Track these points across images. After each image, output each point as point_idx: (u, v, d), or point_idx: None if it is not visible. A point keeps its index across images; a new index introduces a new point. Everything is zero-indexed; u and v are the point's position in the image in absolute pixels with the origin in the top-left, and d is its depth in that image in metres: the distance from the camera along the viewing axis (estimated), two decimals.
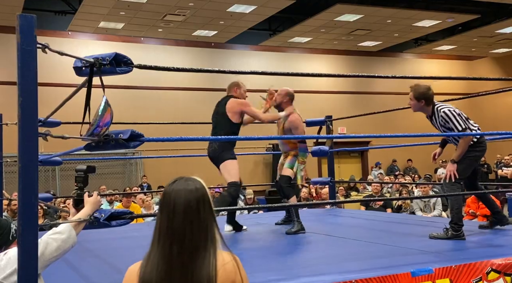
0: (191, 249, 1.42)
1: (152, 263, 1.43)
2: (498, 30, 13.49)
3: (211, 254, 1.44)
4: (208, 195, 1.49)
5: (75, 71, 2.53)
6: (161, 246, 1.44)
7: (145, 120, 10.52)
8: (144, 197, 7.82)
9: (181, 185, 1.47)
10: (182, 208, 1.43)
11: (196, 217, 1.44)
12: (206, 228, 1.45)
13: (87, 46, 12.51)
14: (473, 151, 3.85)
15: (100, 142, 2.44)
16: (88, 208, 2.27)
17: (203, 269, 1.42)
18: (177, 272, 1.41)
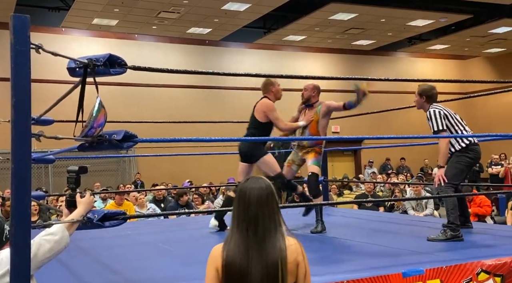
0: (264, 231, 1.73)
1: (234, 245, 1.73)
2: (491, 30, 13.56)
3: (280, 236, 1.75)
4: (274, 191, 1.81)
5: (69, 71, 2.52)
6: (240, 230, 1.75)
7: (139, 118, 10.52)
8: (137, 195, 7.81)
9: (253, 183, 1.80)
10: (255, 200, 1.75)
11: (266, 207, 1.76)
12: (274, 216, 1.77)
13: (80, 42, 12.45)
14: (463, 157, 3.84)
15: (93, 143, 2.44)
16: (81, 209, 2.27)
17: (275, 248, 1.72)
18: (254, 251, 1.71)
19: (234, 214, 1.78)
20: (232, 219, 1.78)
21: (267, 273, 1.69)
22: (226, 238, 1.77)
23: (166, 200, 8.60)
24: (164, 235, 4.72)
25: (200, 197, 7.93)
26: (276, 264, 1.70)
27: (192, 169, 12.77)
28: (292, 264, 1.73)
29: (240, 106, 14.04)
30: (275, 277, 1.69)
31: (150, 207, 7.51)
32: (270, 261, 1.70)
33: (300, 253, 1.77)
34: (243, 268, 1.69)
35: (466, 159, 3.86)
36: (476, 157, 3.92)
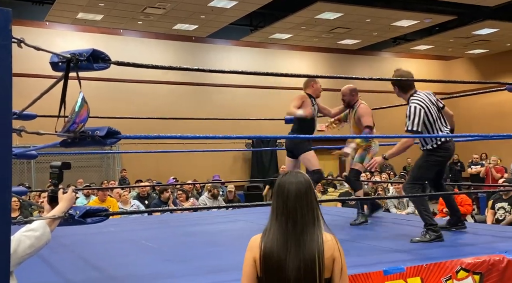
0: (303, 225, 1.76)
1: (272, 237, 1.76)
2: (474, 32, 13.74)
3: (318, 231, 1.77)
4: (312, 185, 1.84)
5: (52, 66, 2.50)
6: (279, 223, 1.77)
7: (124, 113, 10.44)
8: (121, 191, 7.75)
9: (292, 178, 1.82)
10: (294, 194, 1.78)
11: (305, 200, 1.79)
12: (313, 210, 1.80)
13: (65, 37, 12.30)
14: (433, 156, 3.76)
15: (76, 138, 2.42)
16: (63, 205, 2.25)
17: (314, 241, 1.74)
18: (292, 243, 1.74)
19: (274, 207, 1.82)
20: (271, 212, 1.81)
21: (304, 266, 1.72)
22: (265, 230, 1.80)
23: (151, 196, 8.56)
24: (148, 232, 4.70)
25: (184, 194, 7.91)
26: (313, 258, 1.72)
27: (177, 166, 12.73)
28: (329, 259, 1.76)
29: (227, 103, 14.06)
30: (312, 271, 1.71)
31: (134, 204, 7.47)
32: (308, 255, 1.72)
33: (337, 249, 1.79)
34: (281, 259, 1.72)
35: (435, 158, 3.76)
36: (447, 155, 3.83)
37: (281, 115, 7.11)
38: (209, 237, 4.23)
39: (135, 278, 2.74)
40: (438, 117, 3.82)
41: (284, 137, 4.98)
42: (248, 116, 12.20)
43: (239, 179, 13.71)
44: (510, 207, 6.60)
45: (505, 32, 13.76)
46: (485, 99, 15.56)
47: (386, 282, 2.72)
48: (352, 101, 4.83)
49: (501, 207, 6.71)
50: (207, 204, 8.04)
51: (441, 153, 3.77)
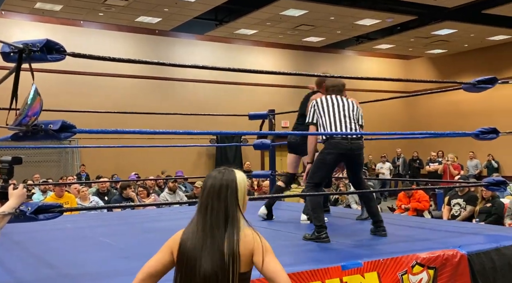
0: (217, 221, 1.79)
1: (192, 229, 1.83)
2: (434, 32, 14.10)
3: (234, 228, 1.79)
4: (236, 184, 1.84)
5: (2, 56, 2.40)
6: (198, 215, 1.84)
7: (82, 107, 10.19)
8: (79, 187, 7.56)
9: (217, 173, 1.87)
10: (208, 190, 1.83)
11: (219, 198, 1.81)
12: (226, 207, 1.81)
13: (22, 27, 11.88)
14: (321, 153, 3.72)
15: (28, 132, 2.33)
16: (13, 201, 2.17)
17: (229, 239, 1.77)
18: (207, 238, 1.78)
19: (198, 199, 1.87)
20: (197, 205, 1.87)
21: (217, 261, 1.74)
22: (189, 223, 1.85)
23: (110, 193, 8.39)
24: (106, 228, 4.60)
25: (145, 190, 7.79)
26: (225, 254, 1.74)
27: (139, 162, 12.53)
28: (247, 255, 1.78)
29: (190, 98, 13.93)
30: (224, 267, 1.74)
31: (93, 200, 7.30)
32: (220, 251, 1.75)
33: (255, 241, 1.80)
34: (194, 252, 1.77)
35: (323, 155, 3.70)
36: (337, 152, 3.66)
37: (245, 111, 7.12)
38: (169, 233, 4.17)
39: (89, 276, 2.67)
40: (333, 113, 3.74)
41: (248, 133, 4.96)
42: (212, 111, 12.13)
43: (203, 175, 13.59)
44: (465, 203, 6.82)
45: (463, 33, 14.19)
46: (443, 98, 16.03)
47: (344, 277, 2.76)
48: None
49: (456, 203, 6.93)
50: (168, 199, 7.94)
51: (328, 150, 3.67)
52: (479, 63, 15.65)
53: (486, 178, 4.26)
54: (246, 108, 8.46)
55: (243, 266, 1.78)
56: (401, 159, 15.42)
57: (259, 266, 1.80)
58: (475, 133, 3.98)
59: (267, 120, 6.42)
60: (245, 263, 1.78)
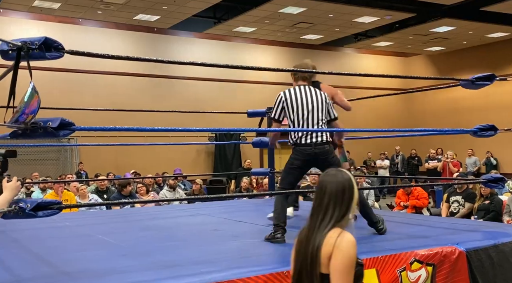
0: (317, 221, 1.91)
1: (302, 229, 1.97)
2: (432, 29, 14.09)
3: (325, 228, 1.88)
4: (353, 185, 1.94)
5: (1, 54, 2.40)
6: (309, 216, 1.97)
7: (80, 105, 10.17)
8: (78, 185, 7.56)
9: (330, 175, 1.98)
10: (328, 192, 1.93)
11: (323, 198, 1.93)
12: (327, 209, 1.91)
13: (20, 25, 11.85)
14: (290, 158, 3.64)
15: (27, 130, 2.33)
16: (7, 194, 2.16)
17: (317, 237, 1.87)
18: (307, 237, 1.91)
19: (316, 200, 1.98)
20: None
21: (307, 259, 1.87)
22: None
23: (110, 191, 8.39)
24: (105, 226, 4.60)
25: (144, 187, 7.80)
26: (310, 252, 1.87)
27: (138, 159, 12.53)
28: (325, 256, 1.83)
29: (189, 96, 13.92)
30: (308, 266, 1.87)
31: (92, 198, 7.30)
32: (310, 249, 1.87)
33: (337, 247, 1.82)
34: (299, 252, 1.93)
35: (291, 160, 3.63)
36: (301, 159, 3.58)
37: (244, 108, 7.11)
38: (168, 231, 4.18)
39: (88, 274, 2.67)
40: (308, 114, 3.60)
41: (246, 130, 4.93)
42: (211, 109, 12.12)
43: (202, 172, 13.63)
44: (464, 200, 6.84)
45: (461, 30, 14.19)
46: (442, 95, 16.03)
47: None
48: None
49: (455, 201, 6.94)
50: (168, 197, 7.95)
51: (295, 156, 3.61)
52: (477, 61, 15.66)
53: (484, 175, 4.27)
54: (245, 105, 8.43)
55: (323, 267, 1.84)
56: (400, 157, 15.44)
57: (332, 273, 1.83)
58: (473, 130, 3.98)
59: (266, 117, 6.41)
60: (324, 265, 1.84)
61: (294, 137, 3.62)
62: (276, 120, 3.65)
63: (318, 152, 3.58)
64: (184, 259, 3.01)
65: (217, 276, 2.50)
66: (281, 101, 3.63)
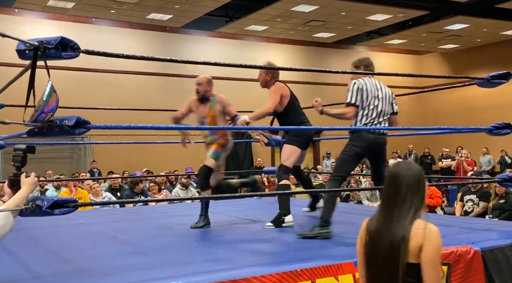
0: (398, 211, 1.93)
1: (374, 219, 2.01)
2: (446, 27, 13.97)
3: (409, 218, 1.91)
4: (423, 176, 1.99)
5: (18, 54, 2.42)
6: (381, 207, 2.01)
7: (94, 104, 10.24)
8: (92, 183, 7.63)
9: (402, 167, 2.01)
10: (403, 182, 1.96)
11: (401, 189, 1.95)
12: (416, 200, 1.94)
13: (34, 25, 11.98)
14: (349, 145, 3.61)
15: (43, 128, 2.36)
16: (25, 189, 2.19)
17: (401, 228, 1.90)
18: (385, 227, 1.94)
19: (382, 191, 2.06)
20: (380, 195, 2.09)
21: (389, 248, 1.89)
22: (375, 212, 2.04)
23: (123, 188, 8.45)
24: (119, 224, 4.64)
25: (157, 186, 7.84)
26: (396, 244, 1.88)
27: (150, 158, 12.60)
28: (414, 246, 1.86)
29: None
30: (395, 253, 1.88)
31: (106, 196, 7.36)
32: (392, 240, 1.89)
33: (427, 239, 1.86)
34: (374, 240, 1.95)
35: (351, 147, 3.60)
36: (364, 146, 3.57)
37: (255, 106, 7.09)
38: (181, 229, 4.20)
39: (103, 271, 2.69)
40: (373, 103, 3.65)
41: (258, 128, 4.93)
42: None
43: None
44: (478, 199, 6.77)
45: (476, 28, 14.04)
46: (455, 93, 15.89)
47: (357, 273, 2.75)
48: (208, 93, 4.53)
49: (469, 200, 6.87)
50: (180, 195, 7.99)
51: (357, 143, 3.58)
52: (492, 58, 15.48)
53: (500, 174, 4.22)
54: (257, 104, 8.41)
55: (411, 257, 1.86)
56: (413, 155, 15.32)
57: (424, 264, 1.87)
58: (488, 128, 3.94)
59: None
60: (413, 255, 1.87)
61: (358, 124, 3.62)
62: (353, 105, 3.61)
63: (380, 141, 3.64)
64: (197, 257, 3.02)
65: (231, 274, 2.50)
66: (358, 88, 3.63)
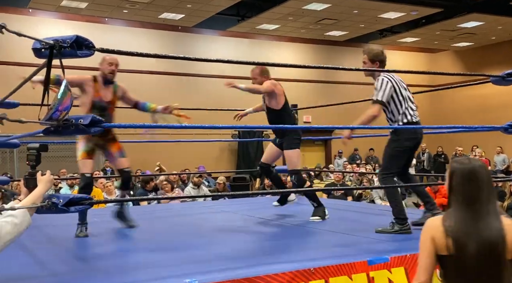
0: (485, 209, 1.85)
1: (455, 218, 1.86)
2: (460, 24, 13.83)
3: (497, 215, 1.86)
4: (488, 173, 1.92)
5: (34, 52, 2.45)
6: (461, 206, 1.87)
7: None
8: (105, 181, 7.69)
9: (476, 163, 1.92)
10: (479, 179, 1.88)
11: (489, 185, 1.90)
12: (493, 195, 1.89)
13: (48, 25, 12.09)
14: (399, 141, 3.59)
15: (59, 127, 2.38)
16: (41, 187, 2.22)
17: (493, 226, 1.83)
18: (473, 226, 1.83)
19: (456, 190, 1.90)
20: (454, 194, 1.90)
21: (484, 249, 1.80)
22: (447, 212, 1.91)
23: (135, 187, 8.51)
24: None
25: (169, 184, 7.88)
26: (494, 242, 1.80)
27: (163, 156, 12.65)
28: (510, 243, 1.81)
29: (213, 93, 13.98)
30: (492, 254, 1.80)
31: (119, 194, 7.41)
32: (488, 238, 1.81)
33: None
34: (462, 242, 1.82)
35: (403, 142, 3.58)
36: (416, 141, 3.61)
37: None
38: (194, 227, 4.22)
39: (117, 268, 2.72)
40: (408, 98, 3.68)
41: (270, 127, 4.94)
42: (235, 107, 12.12)
43: (226, 169, 13.67)
44: None
45: (490, 25, 13.88)
46: (470, 91, 15.72)
47: (370, 272, 2.74)
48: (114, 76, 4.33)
49: None
50: (192, 194, 8.01)
51: (407, 138, 3.59)
52: (506, 56, 15.28)
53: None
54: None
55: (509, 253, 1.83)
56: (426, 154, 15.20)
57: None
58: (504, 127, 3.89)
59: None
60: (510, 252, 1.83)
61: (409, 116, 3.58)
62: (382, 103, 3.55)
63: (422, 135, 3.66)
64: (211, 255, 3.03)
65: (244, 272, 2.51)
66: (388, 84, 3.59)
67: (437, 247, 1.86)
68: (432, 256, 1.87)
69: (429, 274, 1.88)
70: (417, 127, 3.67)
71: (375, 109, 3.54)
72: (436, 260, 1.88)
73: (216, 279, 2.39)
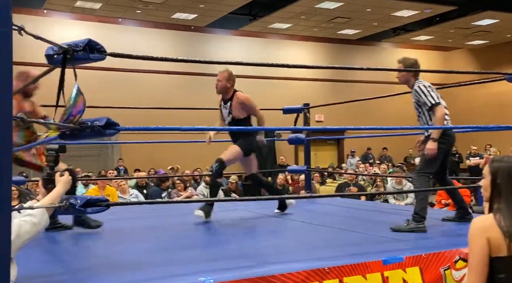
0: None
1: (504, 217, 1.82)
2: (474, 22, 13.69)
3: None
4: None
5: (47, 59, 2.46)
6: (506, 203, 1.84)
7: (120, 103, 10.38)
8: (119, 181, 7.77)
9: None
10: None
11: None
12: None
13: (62, 26, 12.22)
14: (437, 144, 3.69)
15: (75, 130, 2.41)
16: (60, 188, 2.26)
17: None
18: None
19: (505, 188, 1.86)
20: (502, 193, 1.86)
21: None
22: (496, 210, 1.85)
23: (149, 186, 8.58)
24: (147, 220, 4.71)
25: (182, 183, 7.93)
26: None
27: (175, 155, 12.73)
28: None
29: None
30: None
31: (133, 193, 7.49)
32: None
33: None
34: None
35: (440, 145, 3.68)
36: (450, 143, 3.80)
37: (279, 105, 7.11)
38: (209, 225, 4.24)
39: (132, 266, 2.74)
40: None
41: (283, 128, 4.94)
42: None
43: (237, 170, 13.68)
44: None
45: (505, 23, 13.71)
46: (485, 90, 15.53)
47: (385, 271, 2.73)
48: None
49: None
50: (204, 193, 8.06)
51: (445, 140, 3.72)
52: None
53: None
54: (280, 102, 8.42)
55: None
56: None
57: None
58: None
59: (302, 114, 6.38)
60: None
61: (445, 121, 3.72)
62: (439, 103, 3.70)
63: (454, 136, 3.79)
64: (225, 253, 3.05)
65: (258, 271, 2.52)
66: (431, 87, 3.75)
67: (493, 248, 1.80)
68: (486, 259, 1.81)
69: (484, 279, 1.82)
70: (427, 127, 3.71)
71: (441, 109, 3.68)
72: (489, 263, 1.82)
73: (231, 278, 2.40)
